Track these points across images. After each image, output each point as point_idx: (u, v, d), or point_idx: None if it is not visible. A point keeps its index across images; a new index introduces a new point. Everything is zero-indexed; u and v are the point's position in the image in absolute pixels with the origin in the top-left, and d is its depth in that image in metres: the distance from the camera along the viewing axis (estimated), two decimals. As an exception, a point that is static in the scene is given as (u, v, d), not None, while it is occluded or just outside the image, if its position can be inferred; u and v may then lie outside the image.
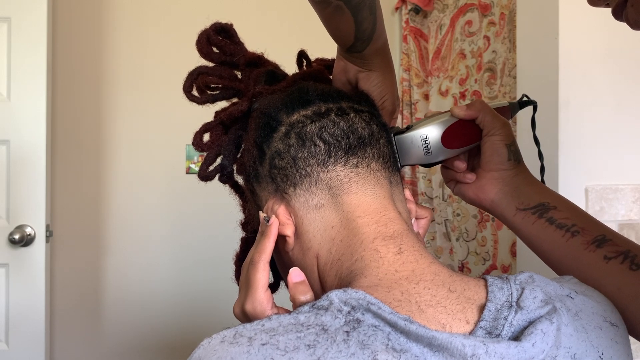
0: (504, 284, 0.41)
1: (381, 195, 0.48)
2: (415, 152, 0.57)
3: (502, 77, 1.49)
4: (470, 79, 1.64)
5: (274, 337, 0.34)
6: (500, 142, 0.56)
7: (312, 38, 2.04)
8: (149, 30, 1.94)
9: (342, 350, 0.33)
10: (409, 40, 1.90)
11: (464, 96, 1.66)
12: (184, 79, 0.58)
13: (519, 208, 0.56)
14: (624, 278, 0.47)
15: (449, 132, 0.57)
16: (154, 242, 1.94)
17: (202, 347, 0.35)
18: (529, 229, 0.55)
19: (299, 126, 0.49)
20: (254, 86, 0.56)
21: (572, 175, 1.08)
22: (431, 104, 1.79)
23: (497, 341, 0.36)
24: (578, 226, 0.52)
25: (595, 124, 1.10)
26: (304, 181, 0.48)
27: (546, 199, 0.55)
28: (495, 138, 0.56)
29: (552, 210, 0.54)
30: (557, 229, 0.53)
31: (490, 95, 1.54)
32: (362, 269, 0.42)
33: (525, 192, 0.56)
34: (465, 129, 0.57)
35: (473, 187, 0.59)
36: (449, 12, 1.75)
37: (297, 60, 0.63)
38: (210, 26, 0.59)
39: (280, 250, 0.51)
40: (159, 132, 1.94)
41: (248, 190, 0.56)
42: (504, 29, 1.48)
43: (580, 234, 0.52)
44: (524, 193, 0.56)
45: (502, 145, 0.56)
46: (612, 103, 1.12)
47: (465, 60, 1.67)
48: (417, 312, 0.38)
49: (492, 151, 0.57)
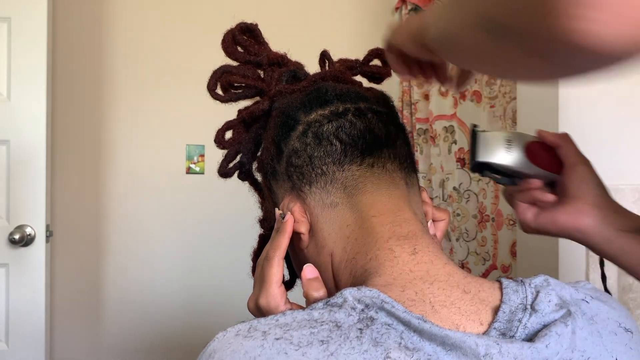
0: (518, 286, 0.41)
1: (396, 195, 0.48)
2: (496, 150, 0.55)
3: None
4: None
5: (288, 332, 0.35)
6: (589, 171, 0.56)
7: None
8: (149, 30, 1.94)
9: (355, 347, 0.34)
10: (409, 40, 1.90)
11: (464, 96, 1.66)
12: (208, 77, 0.59)
13: (622, 230, 0.54)
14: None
15: (532, 146, 0.55)
16: (154, 242, 1.94)
17: (217, 339, 0.36)
18: (636, 251, 0.54)
19: (316, 125, 0.49)
20: (275, 85, 0.56)
21: (572, 175, 1.08)
22: (431, 104, 1.79)
23: (511, 341, 0.36)
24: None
25: (595, 124, 1.10)
26: (320, 180, 0.48)
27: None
28: (582, 167, 0.56)
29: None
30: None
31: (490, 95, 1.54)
32: (377, 268, 0.42)
33: (625, 213, 0.55)
34: (547, 153, 0.56)
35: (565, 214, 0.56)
36: (449, 12, 1.74)
37: (319, 61, 0.63)
38: (235, 26, 0.59)
39: (295, 248, 0.52)
40: (159, 132, 1.94)
41: (265, 187, 0.57)
42: (504, 29, 1.48)
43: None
44: (624, 214, 0.55)
45: (593, 172, 0.56)
46: (612, 103, 1.12)
47: (465, 61, 1.66)
48: (431, 312, 0.38)
49: (582, 179, 0.55)
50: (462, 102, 1.67)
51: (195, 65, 1.81)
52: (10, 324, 1.62)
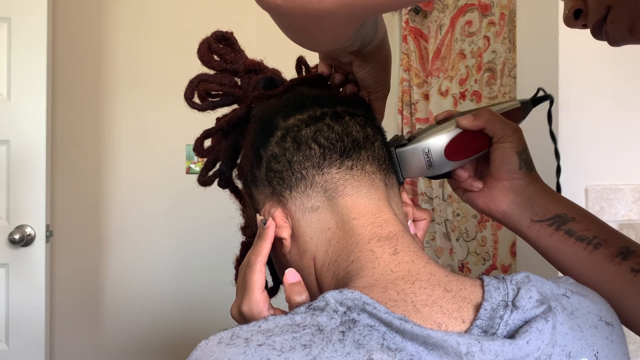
0: (500, 283, 0.41)
1: (376, 197, 0.48)
2: (417, 165, 0.54)
3: (502, 77, 1.49)
4: (470, 79, 1.64)
5: (270, 337, 0.35)
6: (511, 150, 0.54)
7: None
8: (149, 30, 1.94)
9: (337, 349, 0.34)
10: (409, 40, 1.90)
11: (464, 96, 1.66)
12: (185, 87, 0.59)
13: (534, 219, 0.54)
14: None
15: (453, 143, 0.54)
16: (153, 242, 1.94)
17: (199, 348, 0.36)
18: (546, 241, 0.53)
19: (294, 130, 0.49)
20: (252, 92, 0.56)
21: (572, 175, 1.08)
22: (431, 104, 1.79)
23: (492, 339, 0.36)
24: (600, 238, 0.51)
25: (595, 124, 1.10)
26: (300, 184, 0.48)
27: (563, 209, 0.53)
28: (505, 145, 0.54)
29: (571, 222, 0.52)
30: (578, 242, 0.51)
31: (490, 95, 1.54)
32: (359, 270, 0.43)
33: (540, 202, 0.54)
34: (471, 139, 0.55)
35: (483, 196, 0.57)
36: (448, 12, 1.75)
37: (296, 67, 0.64)
38: (211, 34, 0.60)
39: (278, 253, 0.52)
40: (159, 132, 1.94)
41: (246, 194, 0.57)
42: (504, 29, 1.48)
43: (603, 247, 0.50)
44: (538, 203, 0.54)
45: (513, 153, 0.54)
46: (612, 103, 1.12)
47: (465, 61, 1.67)
48: (413, 311, 0.38)
49: (502, 159, 0.55)
50: (462, 102, 1.67)
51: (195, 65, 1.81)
52: (10, 324, 1.62)
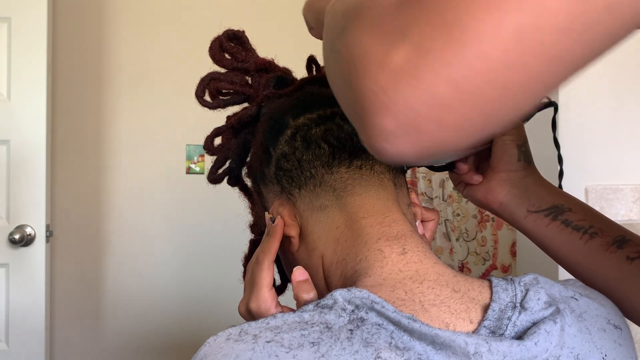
0: (508, 285, 0.41)
1: (385, 196, 0.48)
2: None
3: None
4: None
5: (278, 334, 0.35)
6: (511, 142, 0.55)
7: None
8: (149, 30, 1.94)
9: (345, 348, 0.34)
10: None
11: (464, 96, 1.66)
12: (196, 85, 0.59)
13: (530, 210, 0.55)
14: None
15: None
16: (154, 242, 1.94)
17: (208, 344, 0.36)
18: (542, 231, 0.54)
19: (304, 129, 0.49)
20: (263, 91, 0.57)
21: (572, 175, 1.08)
22: (431, 104, 1.79)
23: (500, 340, 0.36)
24: (596, 227, 0.51)
25: (595, 124, 1.10)
26: (309, 183, 0.48)
27: (559, 200, 0.54)
28: (506, 137, 0.55)
29: (567, 212, 0.53)
30: (574, 231, 0.52)
31: (490, 95, 1.54)
32: (367, 269, 0.43)
33: (537, 193, 0.55)
34: None
35: (482, 189, 0.58)
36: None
37: (306, 66, 0.64)
38: (222, 33, 0.60)
39: (286, 251, 0.52)
40: (159, 132, 1.94)
41: (255, 192, 0.57)
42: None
43: (599, 236, 0.51)
44: (534, 195, 0.55)
45: (513, 146, 0.55)
46: (612, 103, 1.12)
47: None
48: (421, 311, 0.38)
49: (502, 151, 0.56)
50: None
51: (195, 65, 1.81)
52: (10, 324, 1.62)
